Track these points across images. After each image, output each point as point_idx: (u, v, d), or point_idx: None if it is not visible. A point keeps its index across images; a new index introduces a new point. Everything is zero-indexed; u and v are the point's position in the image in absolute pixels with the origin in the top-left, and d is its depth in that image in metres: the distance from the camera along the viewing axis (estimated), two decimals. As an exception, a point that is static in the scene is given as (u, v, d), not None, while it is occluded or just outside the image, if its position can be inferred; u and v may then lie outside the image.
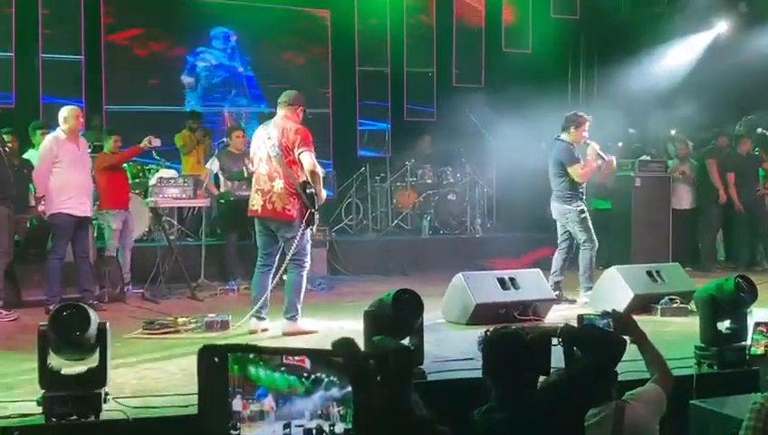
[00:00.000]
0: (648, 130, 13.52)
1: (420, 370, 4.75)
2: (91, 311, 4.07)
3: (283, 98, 6.88)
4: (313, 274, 10.20)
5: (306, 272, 6.78)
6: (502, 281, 7.31)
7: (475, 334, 3.65)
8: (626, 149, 12.44)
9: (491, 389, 3.38)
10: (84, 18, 12.70)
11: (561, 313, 7.37)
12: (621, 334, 4.03)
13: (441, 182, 12.61)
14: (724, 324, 5.21)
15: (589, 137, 8.49)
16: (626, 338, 3.93)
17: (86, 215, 8.13)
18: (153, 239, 10.43)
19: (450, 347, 5.93)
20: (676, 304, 7.47)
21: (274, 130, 6.68)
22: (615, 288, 7.66)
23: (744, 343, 5.14)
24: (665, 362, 3.98)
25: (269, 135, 6.70)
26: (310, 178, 6.56)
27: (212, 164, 10.32)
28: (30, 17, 12.28)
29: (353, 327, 5.54)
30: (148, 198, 9.50)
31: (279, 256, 6.86)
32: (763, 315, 5.24)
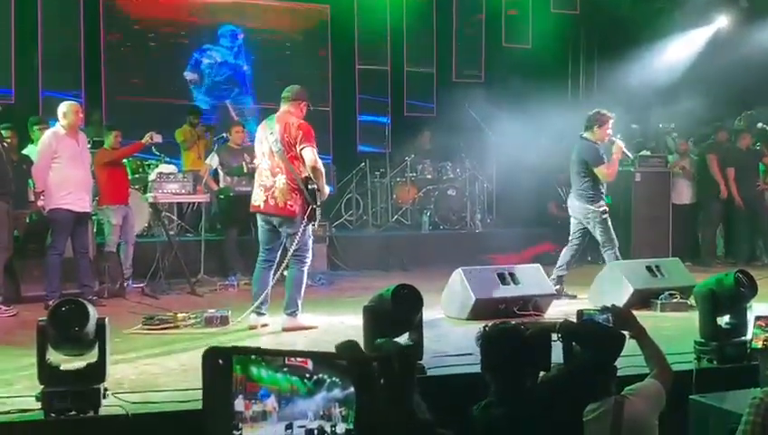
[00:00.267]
0: (649, 125, 13.51)
1: (420, 365, 4.74)
2: (90, 306, 4.06)
3: (286, 93, 6.87)
4: (313, 269, 10.17)
5: (307, 268, 6.77)
6: (501, 276, 7.31)
7: (475, 330, 3.64)
8: (627, 144, 12.41)
9: (490, 384, 3.38)
10: (84, 14, 12.68)
11: (562, 308, 7.36)
12: (621, 329, 4.03)
13: (441, 177, 12.61)
14: (723, 319, 5.21)
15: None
16: (625, 333, 3.93)
17: (85, 210, 8.13)
18: (153, 235, 10.44)
19: (450, 342, 5.93)
20: (675, 299, 7.46)
21: (277, 126, 6.67)
22: (615, 283, 7.66)
23: (744, 338, 5.13)
24: (664, 357, 3.97)
25: (271, 130, 6.68)
26: (311, 174, 6.55)
27: (211, 159, 10.32)
28: (29, 12, 12.26)
29: (353, 322, 5.54)
30: (148, 194, 9.49)
31: (280, 251, 6.85)
32: (762, 310, 5.23)
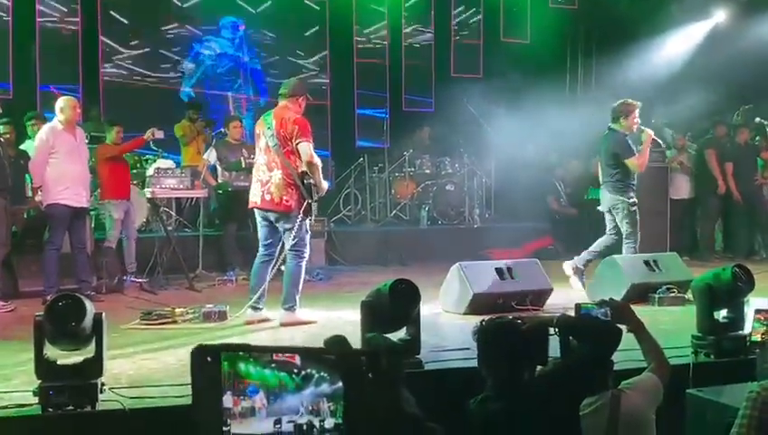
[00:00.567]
0: (648, 120, 13.49)
1: (417, 359, 4.76)
2: (87, 301, 4.06)
3: (283, 89, 6.86)
4: (312, 264, 10.19)
5: (305, 262, 6.76)
6: (499, 271, 7.30)
7: (473, 324, 3.65)
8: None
9: (487, 378, 3.39)
10: (82, 7, 12.67)
11: (560, 302, 7.35)
12: (619, 323, 4.03)
13: (439, 172, 12.61)
14: (720, 314, 5.21)
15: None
16: (623, 327, 3.94)
17: (82, 205, 8.12)
18: (151, 230, 10.42)
19: (447, 337, 5.93)
20: (673, 294, 7.45)
21: (273, 121, 6.65)
22: (613, 277, 7.67)
23: (741, 332, 5.14)
24: (662, 351, 3.98)
25: (268, 125, 6.67)
26: (307, 169, 6.54)
27: (209, 155, 10.30)
28: (28, 6, 12.24)
29: (351, 317, 5.54)
30: (146, 189, 9.48)
31: (279, 246, 6.85)
32: (760, 304, 5.24)
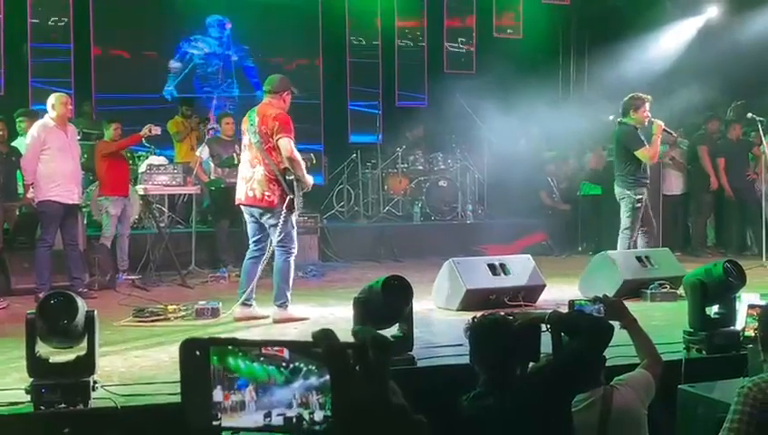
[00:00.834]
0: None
1: (410, 356, 4.76)
2: (79, 299, 4.06)
3: (267, 86, 6.87)
4: (305, 261, 10.24)
5: (293, 258, 6.76)
6: (492, 267, 7.31)
7: (465, 320, 3.64)
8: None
9: (479, 375, 3.39)
10: (74, 7, 12.63)
11: (552, 298, 7.36)
12: (612, 320, 4.04)
13: (432, 168, 12.61)
14: (712, 309, 5.23)
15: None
16: (616, 323, 3.96)
17: (74, 202, 8.10)
18: (144, 227, 10.41)
19: (440, 333, 5.94)
20: (665, 290, 7.47)
21: (256, 117, 6.70)
22: (605, 273, 7.69)
23: (733, 327, 5.16)
24: (654, 347, 4.00)
25: (252, 122, 6.71)
26: (288, 165, 6.55)
27: (202, 151, 10.29)
28: (19, 4, 12.19)
29: (344, 314, 5.54)
30: (138, 186, 9.47)
31: (269, 242, 6.85)
32: (752, 299, 5.26)
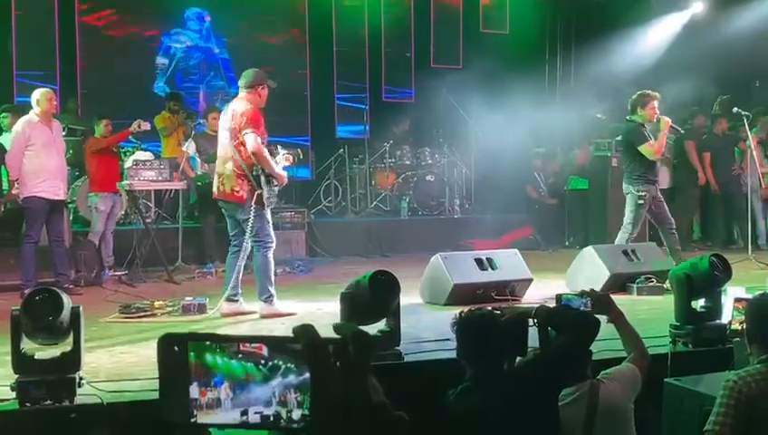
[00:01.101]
0: (626, 111, 13.54)
1: (397, 351, 4.76)
2: (64, 295, 4.04)
3: (241, 81, 6.87)
4: (292, 256, 10.25)
5: (272, 252, 6.74)
6: (479, 261, 7.32)
7: (453, 315, 3.64)
8: (597, 133, 12.41)
9: (466, 369, 3.39)
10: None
11: (540, 292, 7.38)
12: (599, 314, 4.06)
13: (420, 163, 12.61)
14: (698, 303, 5.26)
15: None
16: (602, 317, 3.97)
17: (60, 198, 8.07)
18: (130, 222, 10.36)
19: (427, 328, 5.93)
20: (651, 283, 7.51)
21: (228, 113, 6.73)
22: (592, 267, 7.71)
23: (719, 321, 5.19)
24: (641, 341, 4.02)
25: (224, 117, 6.77)
26: (254, 160, 6.54)
27: (188, 146, 10.26)
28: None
29: (332, 309, 5.53)
30: (124, 181, 9.42)
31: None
32: (738, 293, 5.28)
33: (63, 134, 8.50)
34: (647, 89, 8.63)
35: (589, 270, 7.69)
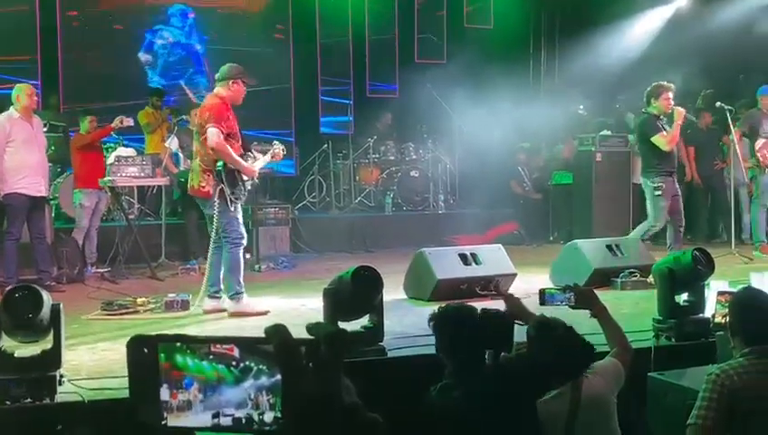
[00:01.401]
0: (610, 106, 13.58)
1: (380, 347, 4.75)
2: (44, 292, 4.00)
3: (217, 75, 6.84)
4: (276, 251, 10.21)
5: (241, 248, 6.68)
6: (463, 257, 7.31)
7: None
8: (581, 127, 12.42)
9: (446, 365, 3.37)
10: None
11: (523, 286, 7.34)
12: (582, 308, 4.06)
13: (404, 159, 12.60)
14: (681, 297, 5.27)
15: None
16: (586, 312, 3.98)
17: (41, 194, 8.02)
18: (113, 219, 10.30)
19: (411, 323, 5.90)
20: (635, 278, 7.53)
21: (200, 108, 6.73)
22: (575, 262, 7.71)
23: (702, 315, 5.20)
24: (624, 335, 4.02)
25: (196, 113, 6.77)
26: (215, 155, 6.50)
27: (171, 142, 10.20)
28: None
29: (315, 305, 5.51)
30: (106, 177, 9.35)
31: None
32: (721, 287, 5.30)
33: (45, 130, 8.42)
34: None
35: (572, 265, 7.70)
